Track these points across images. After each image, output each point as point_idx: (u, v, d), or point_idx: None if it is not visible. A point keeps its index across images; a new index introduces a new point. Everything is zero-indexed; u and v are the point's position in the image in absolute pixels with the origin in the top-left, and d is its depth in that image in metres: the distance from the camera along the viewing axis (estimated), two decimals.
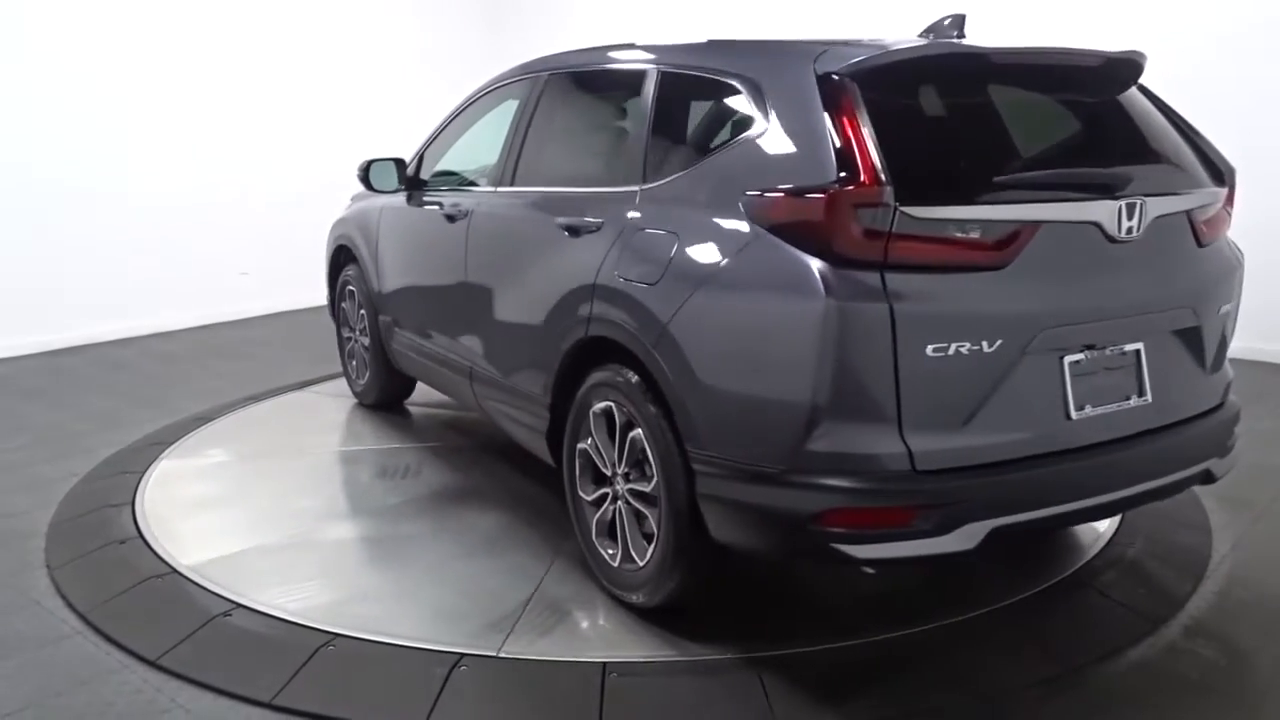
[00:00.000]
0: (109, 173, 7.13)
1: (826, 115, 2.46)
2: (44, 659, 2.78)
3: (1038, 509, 2.50)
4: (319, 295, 8.42)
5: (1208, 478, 2.87)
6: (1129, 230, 2.56)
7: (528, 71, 3.89)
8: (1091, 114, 2.91)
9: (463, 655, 2.74)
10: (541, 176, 3.61)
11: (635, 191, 2.97)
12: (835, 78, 2.50)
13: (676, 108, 3.05)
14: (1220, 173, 2.92)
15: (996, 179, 2.51)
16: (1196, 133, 2.98)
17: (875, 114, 2.43)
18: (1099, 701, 2.54)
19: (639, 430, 2.80)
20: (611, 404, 2.92)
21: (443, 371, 4.22)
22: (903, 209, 2.32)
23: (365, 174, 4.32)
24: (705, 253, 2.63)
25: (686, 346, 2.61)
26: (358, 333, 5.19)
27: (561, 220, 3.22)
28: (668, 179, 2.88)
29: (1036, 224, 2.44)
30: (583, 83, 3.66)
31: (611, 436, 2.97)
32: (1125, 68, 2.90)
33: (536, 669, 2.70)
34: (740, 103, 2.73)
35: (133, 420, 5.07)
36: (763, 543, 2.60)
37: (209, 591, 3.13)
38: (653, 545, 2.83)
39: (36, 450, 4.68)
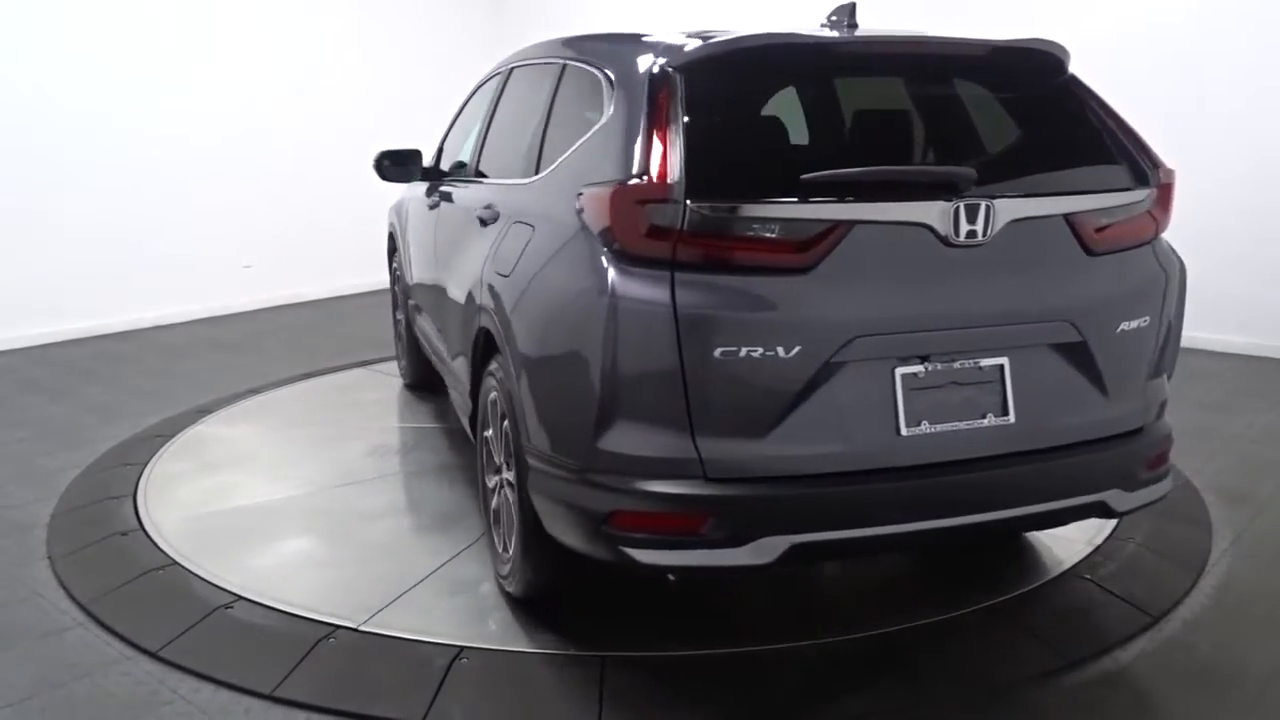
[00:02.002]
0: (111, 165, 7.13)
1: (645, 109, 2.42)
2: (45, 650, 2.79)
3: (851, 528, 2.35)
4: (322, 288, 8.49)
5: (1105, 511, 2.62)
6: (970, 234, 2.32)
7: (501, 65, 4.00)
8: (952, 108, 2.78)
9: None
10: (489, 169, 3.72)
11: (525, 184, 3.03)
12: (664, 71, 2.47)
13: (567, 101, 3.05)
14: (1144, 175, 2.63)
15: (805, 176, 2.32)
16: (1126, 132, 2.69)
17: (694, 108, 2.38)
18: (1098, 695, 2.54)
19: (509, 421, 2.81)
20: (496, 394, 2.93)
21: (433, 356, 4.40)
22: (694, 206, 2.23)
23: (379, 165, 4.34)
24: (543, 247, 2.66)
25: (518, 340, 2.64)
26: (399, 315, 5.43)
27: (477, 212, 3.33)
28: (546, 172, 2.90)
29: (849, 225, 2.27)
30: (523, 77, 3.70)
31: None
32: (1028, 58, 2.69)
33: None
34: (602, 96, 2.69)
35: (134, 412, 5.07)
36: (575, 541, 2.48)
37: (210, 583, 3.13)
38: (514, 535, 2.86)
39: (38, 442, 4.68)
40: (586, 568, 2.53)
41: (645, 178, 2.29)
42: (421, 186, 4.56)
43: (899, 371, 2.34)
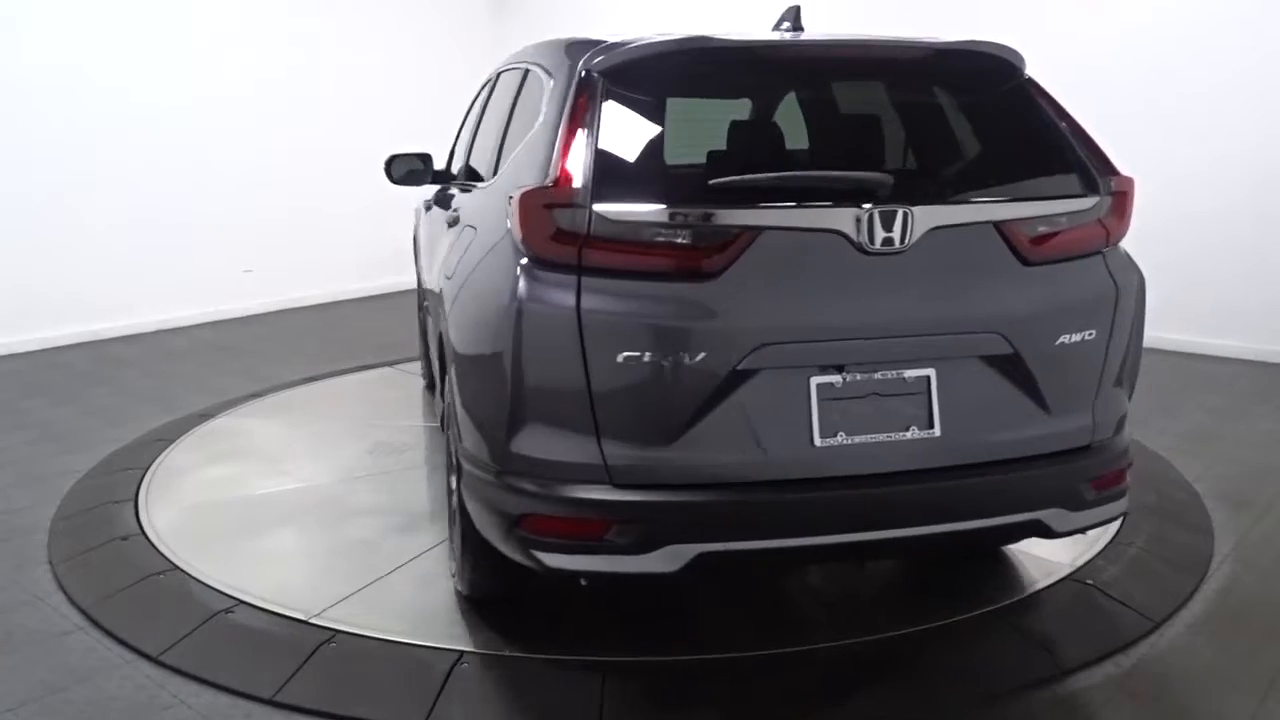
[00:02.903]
0: (113, 170, 7.14)
1: (565, 113, 2.43)
2: (46, 655, 2.79)
3: (760, 539, 2.32)
4: (324, 292, 8.50)
5: (1044, 531, 2.50)
6: (887, 242, 2.26)
7: (495, 69, 4.02)
8: (888, 113, 2.74)
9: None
10: (472, 172, 3.73)
11: (481, 188, 3.07)
12: (586, 75, 2.48)
13: (523, 106, 3.06)
14: (1094, 183, 2.52)
15: (712, 181, 2.30)
16: (1081, 139, 2.59)
17: (613, 112, 2.38)
18: (1100, 700, 2.54)
19: None
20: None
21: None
22: (599, 211, 2.23)
23: (389, 168, 4.34)
24: (477, 250, 2.69)
25: (453, 341, 2.66)
26: (420, 315, 5.47)
27: (447, 215, 3.40)
28: (499, 174, 2.92)
29: (755, 231, 2.24)
30: (504, 82, 3.71)
31: None
32: (973, 61, 2.63)
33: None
34: (541, 100, 2.71)
35: (136, 416, 5.08)
36: (496, 543, 2.48)
37: (211, 588, 3.13)
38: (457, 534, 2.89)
39: (40, 446, 4.69)
40: (523, 569, 2.47)
41: (553, 181, 2.30)
42: (434, 189, 4.58)
43: (814, 381, 2.29)
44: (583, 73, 2.49)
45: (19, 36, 6.62)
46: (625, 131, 2.40)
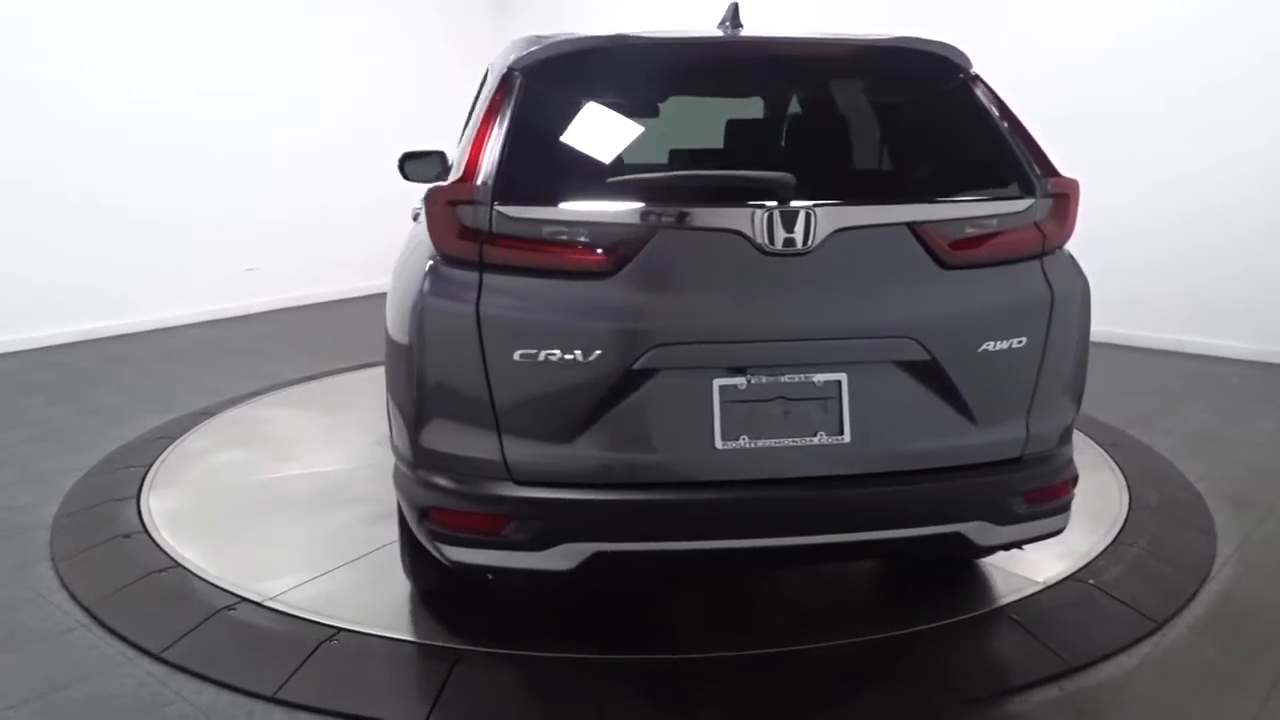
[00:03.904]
0: (114, 169, 7.15)
1: (482, 111, 2.44)
2: (48, 652, 2.79)
3: (658, 540, 2.32)
4: (325, 291, 8.50)
5: (965, 546, 2.42)
6: (788, 242, 2.21)
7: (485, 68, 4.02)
8: (812, 113, 2.70)
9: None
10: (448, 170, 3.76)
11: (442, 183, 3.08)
12: (507, 73, 2.49)
13: (479, 102, 3.06)
14: (1029, 186, 2.43)
15: (612, 179, 2.31)
16: (1022, 139, 2.50)
17: (526, 110, 2.38)
18: (1102, 700, 2.53)
19: None
20: None
21: None
22: (499, 209, 2.24)
23: (402, 165, 4.33)
24: (410, 246, 2.71)
25: (386, 337, 2.65)
26: None
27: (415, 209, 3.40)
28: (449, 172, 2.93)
29: (652, 230, 2.22)
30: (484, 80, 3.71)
31: None
32: (907, 59, 2.57)
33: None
34: (483, 97, 2.72)
35: (137, 415, 5.08)
36: (417, 534, 2.50)
37: (213, 585, 3.13)
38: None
39: (41, 444, 4.69)
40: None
41: (458, 179, 2.32)
42: None
43: (717, 383, 2.25)
44: (504, 71, 2.50)
45: (20, 35, 6.62)
46: (536, 129, 2.40)
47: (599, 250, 2.23)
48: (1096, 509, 3.67)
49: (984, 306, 2.35)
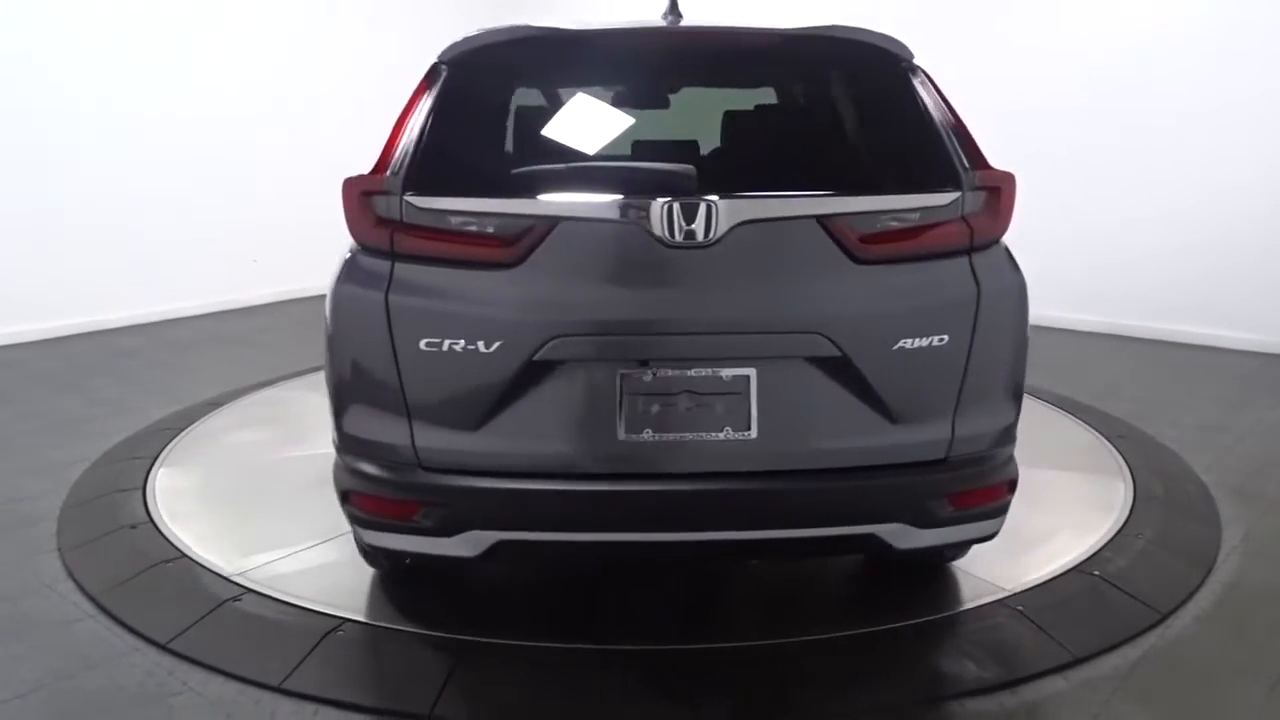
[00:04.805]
0: (117, 159, 7.14)
1: (408, 102, 2.47)
2: (55, 642, 2.80)
3: (560, 531, 2.34)
4: (326, 283, 8.48)
5: (881, 548, 2.37)
6: (689, 235, 2.19)
7: None
8: (733, 104, 2.69)
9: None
10: None
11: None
12: (434, 65, 2.51)
13: None
14: (955, 178, 2.35)
15: (516, 171, 2.33)
16: (956, 133, 2.41)
17: (443, 102, 2.40)
18: (1107, 691, 2.53)
19: None
20: None
21: None
22: (409, 199, 2.29)
23: None
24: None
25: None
26: None
27: None
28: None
29: (553, 222, 2.23)
30: None
31: None
32: (840, 49, 2.52)
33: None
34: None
35: (143, 406, 5.09)
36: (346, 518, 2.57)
37: (219, 576, 3.14)
38: None
39: (47, 435, 4.70)
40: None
41: (371, 170, 2.37)
42: None
43: (622, 375, 2.25)
44: (432, 64, 2.52)
45: (28, 27, 6.62)
46: (452, 122, 2.42)
47: (502, 241, 2.26)
48: (1102, 500, 3.66)
49: (900, 302, 2.28)
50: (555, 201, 2.26)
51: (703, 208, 2.19)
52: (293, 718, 2.44)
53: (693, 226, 2.19)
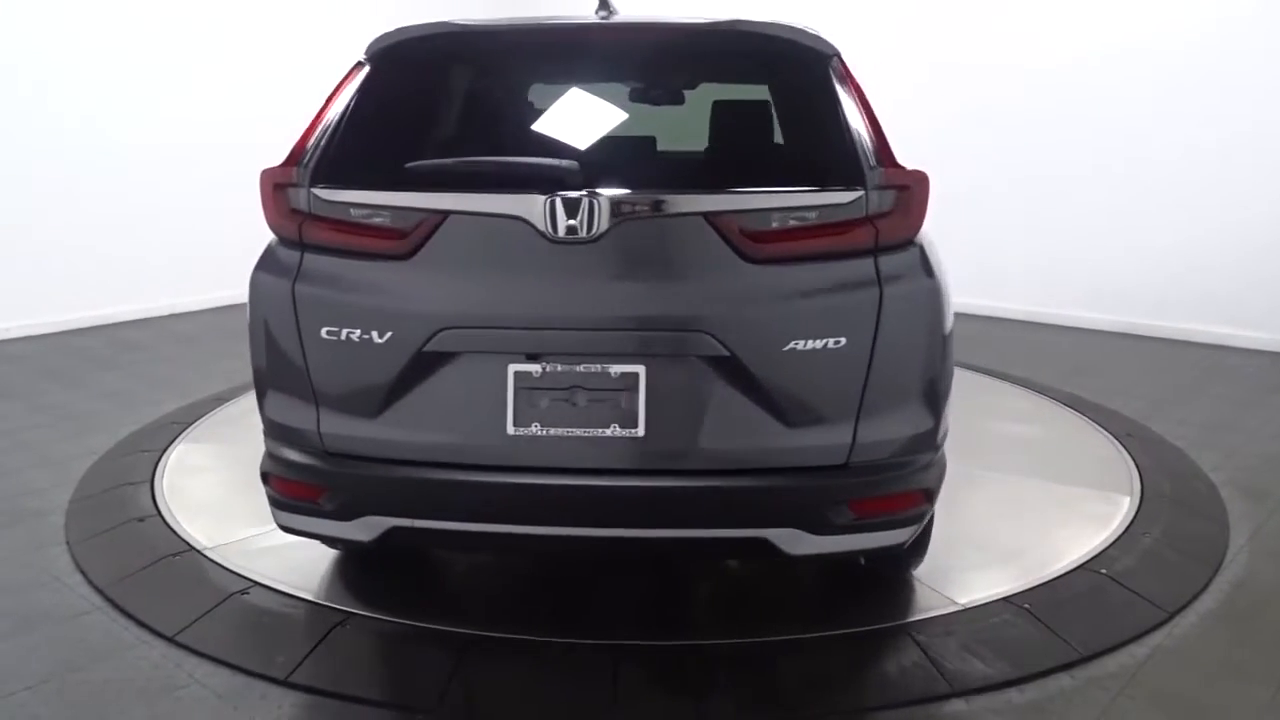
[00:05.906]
0: (124, 153, 7.15)
1: (329, 95, 2.52)
2: (63, 634, 2.81)
3: (450, 520, 2.39)
4: None
5: (771, 552, 2.32)
6: (570, 230, 2.19)
7: None
8: (647, 99, 2.72)
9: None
10: None
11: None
12: (361, 60, 2.55)
13: None
14: (860, 177, 2.27)
15: (411, 165, 2.38)
16: (869, 129, 2.35)
17: (359, 96, 2.46)
18: (1114, 689, 2.53)
19: None
20: None
21: None
22: (314, 191, 2.36)
23: None
24: None
25: None
26: None
27: None
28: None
29: (442, 215, 2.27)
30: None
31: None
32: (752, 44, 2.51)
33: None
34: None
35: (151, 400, 5.10)
36: None
37: (226, 569, 3.15)
38: None
39: (56, 429, 4.72)
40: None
41: (285, 162, 2.43)
42: None
43: (512, 369, 2.27)
44: (358, 59, 2.56)
45: (26, 29, 6.63)
46: (366, 116, 2.47)
47: (397, 234, 2.31)
48: (1109, 499, 3.66)
49: (792, 303, 2.24)
50: (444, 196, 2.31)
51: (584, 203, 2.20)
52: (299, 711, 2.45)
53: (573, 222, 2.21)
